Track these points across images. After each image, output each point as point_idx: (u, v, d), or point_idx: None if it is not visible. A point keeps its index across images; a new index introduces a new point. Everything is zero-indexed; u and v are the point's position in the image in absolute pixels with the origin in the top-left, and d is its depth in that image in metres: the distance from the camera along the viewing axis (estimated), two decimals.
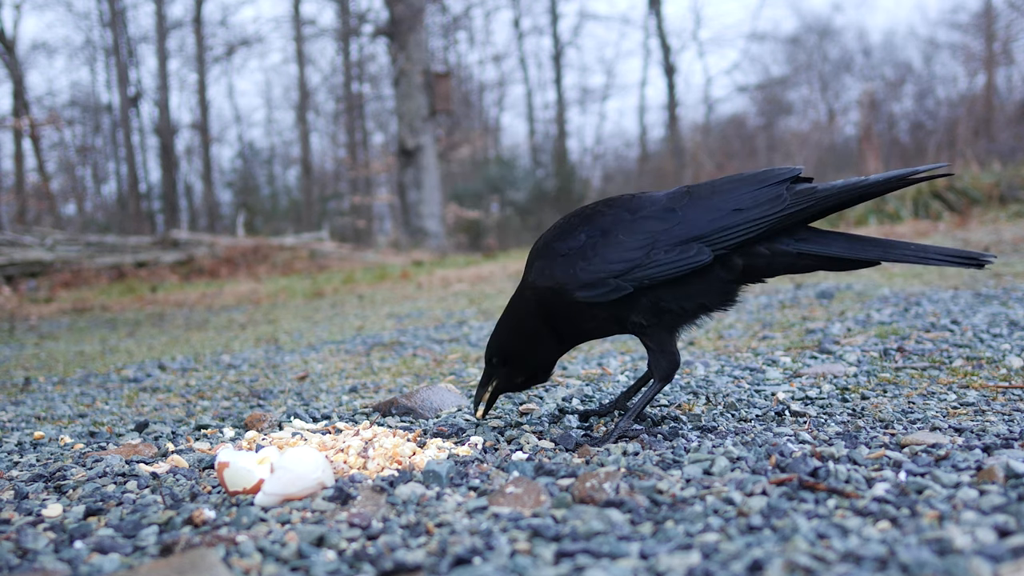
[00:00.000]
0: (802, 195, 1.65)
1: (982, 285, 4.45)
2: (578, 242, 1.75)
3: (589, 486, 1.34)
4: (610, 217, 1.76)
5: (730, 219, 1.66)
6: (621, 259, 1.69)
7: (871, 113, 16.48)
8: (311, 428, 2.04)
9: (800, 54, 30.01)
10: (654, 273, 1.67)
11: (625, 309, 1.74)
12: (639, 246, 1.69)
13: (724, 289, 1.74)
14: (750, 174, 1.74)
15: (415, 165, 16.92)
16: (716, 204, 1.69)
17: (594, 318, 1.79)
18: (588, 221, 1.79)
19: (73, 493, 1.60)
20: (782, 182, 1.69)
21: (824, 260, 1.69)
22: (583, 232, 1.76)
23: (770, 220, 1.64)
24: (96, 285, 11.43)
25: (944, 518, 1.16)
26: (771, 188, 1.67)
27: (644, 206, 1.76)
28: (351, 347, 4.11)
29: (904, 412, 1.89)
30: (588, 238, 1.75)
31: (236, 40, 28.24)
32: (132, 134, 27.03)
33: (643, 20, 34.94)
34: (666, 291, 1.71)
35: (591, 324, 1.83)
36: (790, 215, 1.65)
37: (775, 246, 1.69)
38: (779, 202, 1.65)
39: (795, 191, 1.67)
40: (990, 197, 10.93)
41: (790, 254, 1.69)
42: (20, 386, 3.48)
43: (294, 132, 31.40)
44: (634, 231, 1.71)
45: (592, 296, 1.72)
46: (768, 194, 1.67)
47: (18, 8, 24.66)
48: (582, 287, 1.72)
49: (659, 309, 1.73)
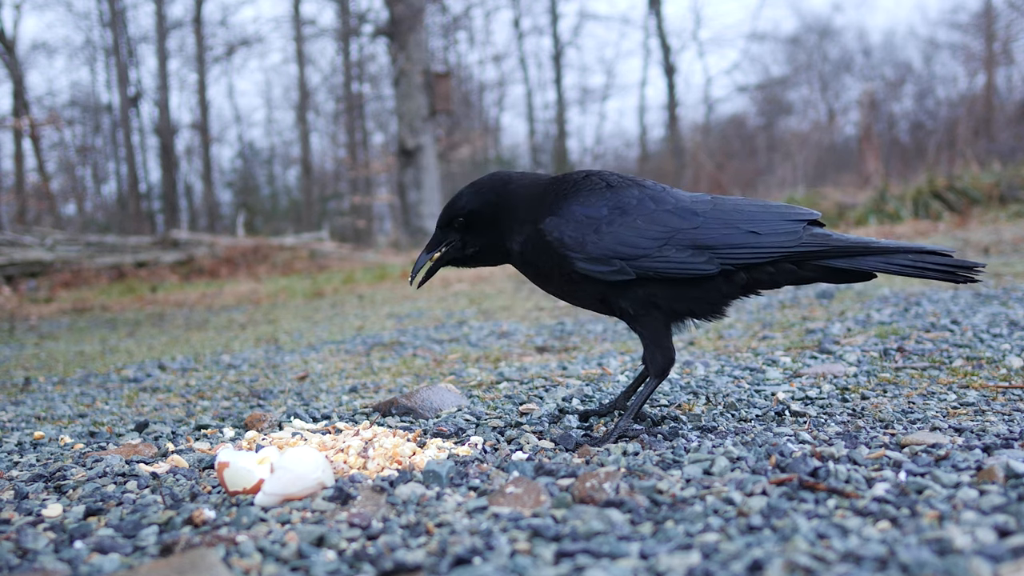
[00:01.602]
0: (816, 238, 1.73)
1: (982, 285, 4.45)
2: (599, 212, 1.74)
3: (589, 486, 1.34)
4: (635, 199, 1.75)
5: (744, 239, 1.71)
6: (634, 244, 1.70)
7: (871, 113, 16.48)
8: (311, 428, 2.04)
9: (800, 54, 30.03)
10: (660, 268, 1.69)
11: (617, 292, 1.74)
12: (655, 237, 1.70)
13: (718, 301, 1.79)
14: (775, 204, 1.81)
15: (415, 165, 16.92)
16: (736, 222, 1.73)
17: (578, 285, 1.78)
18: (613, 194, 1.77)
19: (73, 493, 1.60)
20: (800, 220, 1.75)
21: (825, 272, 1.76)
22: (605, 204, 1.75)
23: (780, 252, 1.71)
24: (96, 285, 11.43)
25: (944, 518, 1.16)
26: (790, 223, 1.74)
27: (669, 200, 1.76)
28: (351, 347, 4.11)
29: (904, 412, 1.89)
30: (609, 212, 1.73)
31: (236, 40, 28.23)
32: (132, 134, 27.03)
33: (643, 20, 34.95)
34: (662, 288, 1.72)
35: (570, 287, 1.81)
36: (799, 254, 1.72)
37: (780, 266, 1.75)
38: (793, 238, 1.72)
39: (811, 232, 1.74)
40: (990, 197, 10.92)
41: (793, 270, 1.76)
42: (20, 386, 3.48)
43: (294, 132, 31.41)
44: (654, 221, 1.72)
45: (594, 271, 1.71)
46: (786, 227, 1.73)
47: (18, 8, 24.65)
48: (588, 259, 1.71)
49: (649, 303, 1.74)
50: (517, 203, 1.83)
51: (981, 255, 6.49)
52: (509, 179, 1.89)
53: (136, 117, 27.67)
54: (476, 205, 1.84)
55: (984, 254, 6.55)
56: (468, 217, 1.84)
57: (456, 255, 1.89)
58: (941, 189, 11.23)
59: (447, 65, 26.51)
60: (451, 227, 1.86)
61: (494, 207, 1.84)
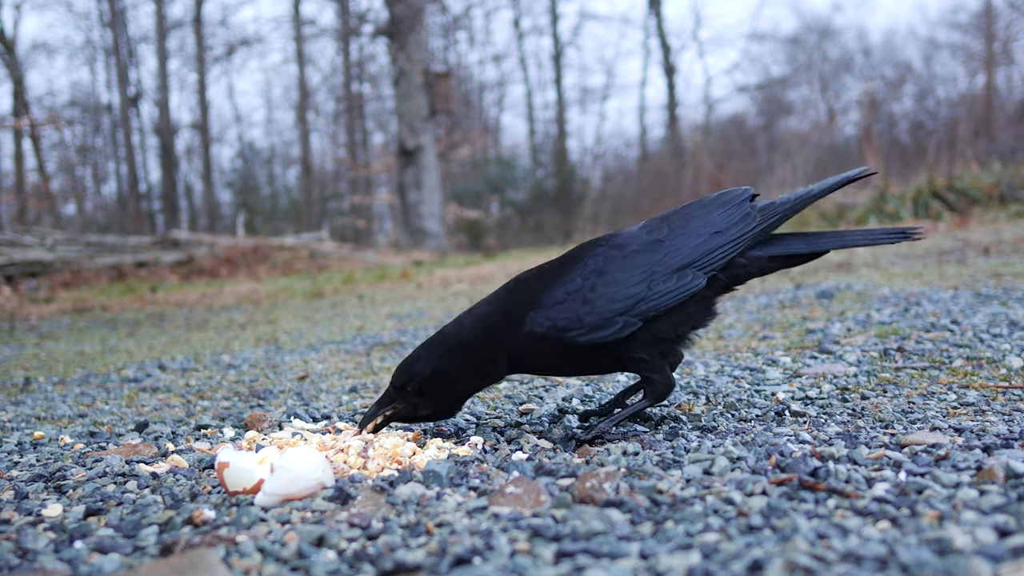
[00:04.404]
0: (767, 210, 1.80)
1: (982, 285, 4.45)
2: (575, 285, 1.73)
3: (589, 486, 1.34)
4: (600, 257, 1.76)
5: (713, 241, 1.75)
6: (624, 296, 1.70)
7: (871, 113, 16.48)
8: (311, 428, 2.04)
9: (800, 54, 30.02)
10: (658, 304, 1.70)
11: (626, 346, 1.73)
12: (638, 280, 1.71)
13: (709, 306, 1.82)
14: (711, 198, 1.86)
15: (415, 165, 16.91)
16: (696, 230, 1.78)
17: (587, 360, 1.76)
18: (578, 263, 1.77)
19: (73, 493, 1.60)
20: (744, 202, 1.81)
21: (789, 259, 1.85)
22: (577, 275, 1.74)
23: (747, 236, 1.77)
24: (96, 285, 11.43)
25: (944, 518, 1.16)
26: (738, 208, 1.80)
27: (629, 242, 1.78)
28: (351, 347, 4.11)
29: (904, 412, 1.89)
30: (584, 280, 1.73)
31: (236, 40, 28.25)
32: (132, 134, 27.04)
33: (643, 20, 34.93)
34: (663, 321, 1.73)
35: (574, 366, 1.80)
36: (763, 229, 1.79)
37: (750, 255, 1.81)
38: (750, 220, 1.78)
39: (759, 207, 1.81)
40: (990, 197, 10.93)
41: (762, 259, 1.82)
42: (20, 386, 3.48)
43: (294, 132, 31.41)
44: (629, 266, 1.73)
45: (601, 337, 1.69)
46: (738, 213, 1.79)
47: (18, 8, 24.67)
48: (590, 330, 1.69)
49: (658, 339, 1.74)
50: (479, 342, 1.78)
51: (981, 255, 6.49)
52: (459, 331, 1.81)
53: (136, 117, 27.69)
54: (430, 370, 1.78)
55: (984, 254, 6.55)
56: (424, 384, 1.79)
57: (407, 415, 1.83)
58: (941, 189, 11.23)
59: (447, 65, 26.50)
60: (404, 390, 1.81)
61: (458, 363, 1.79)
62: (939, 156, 14.72)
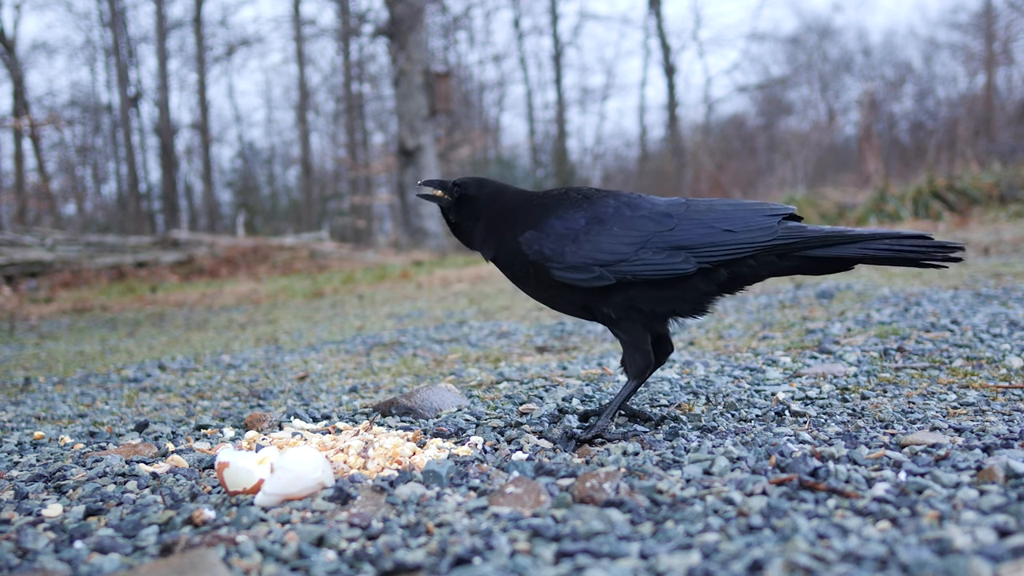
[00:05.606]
0: (791, 231, 1.76)
1: (982, 285, 4.45)
2: (577, 223, 1.80)
3: (589, 486, 1.34)
4: (611, 208, 1.82)
5: (720, 237, 1.76)
6: (611, 250, 1.75)
7: (871, 113, 16.49)
8: (311, 428, 2.04)
9: (800, 54, 30.01)
10: (638, 271, 1.74)
11: (598, 298, 1.80)
12: (631, 242, 1.76)
13: (698, 299, 1.83)
14: (750, 202, 1.85)
15: (415, 165, 16.91)
16: (710, 221, 1.79)
17: (559, 292, 1.85)
18: (590, 205, 1.83)
19: (73, 493, 1.60)
20: (774, 215, 1.79)
21: (804, 261, 1.79)
22: (583, 216, 1.81)
23: (756, 247, 1.75)
24: (96, 285, 11.43)
25: (944, 518, 1.16)
26: (764, 218, 1.78)
27: (644, 206, 1.83)
28: (351, 347, 4.11)
29: (904, 412, 1.89)
30: (587, 223, 1.80)
31: (236, 40, 28.24)
32: (132, 134, 27.02)
33: (643, 20, 34.92)
34: (642, 291, 1.77)
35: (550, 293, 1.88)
36: (776, 247, 1.76)
37: (760, 259, 1.79)
38: (768, 232, 1.75)
39: (786, 226, 1.77)
40: (990, 197, 10.93)
41: (773, 261, 1.80)
42: (20, 386, 3.48)
43: (294, 132, 31.40)
44: (630, 226, 1.78)
45: (574, 278, 1.77)
46: (760, 223, 1.77)
47: (18, 8, 24.66)
48: (568, 268, 1.77)
49: (630, 307, 1.79)
50: (501, 210, 1.93)
51: (981, 255, 6.49)
52: (504, 188, 2.00)
53: (136, 117, 27.68)
54: (471, 191, 1.97)
55: (984, 254, 6.54)
56: (463, 190, 1.97)
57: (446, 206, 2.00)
58: (941, 189, 11.23)
59: (447, 65, 26.49)
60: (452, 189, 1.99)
61: (483, 203, 1.96)
62: (939, 156, 14.72)
